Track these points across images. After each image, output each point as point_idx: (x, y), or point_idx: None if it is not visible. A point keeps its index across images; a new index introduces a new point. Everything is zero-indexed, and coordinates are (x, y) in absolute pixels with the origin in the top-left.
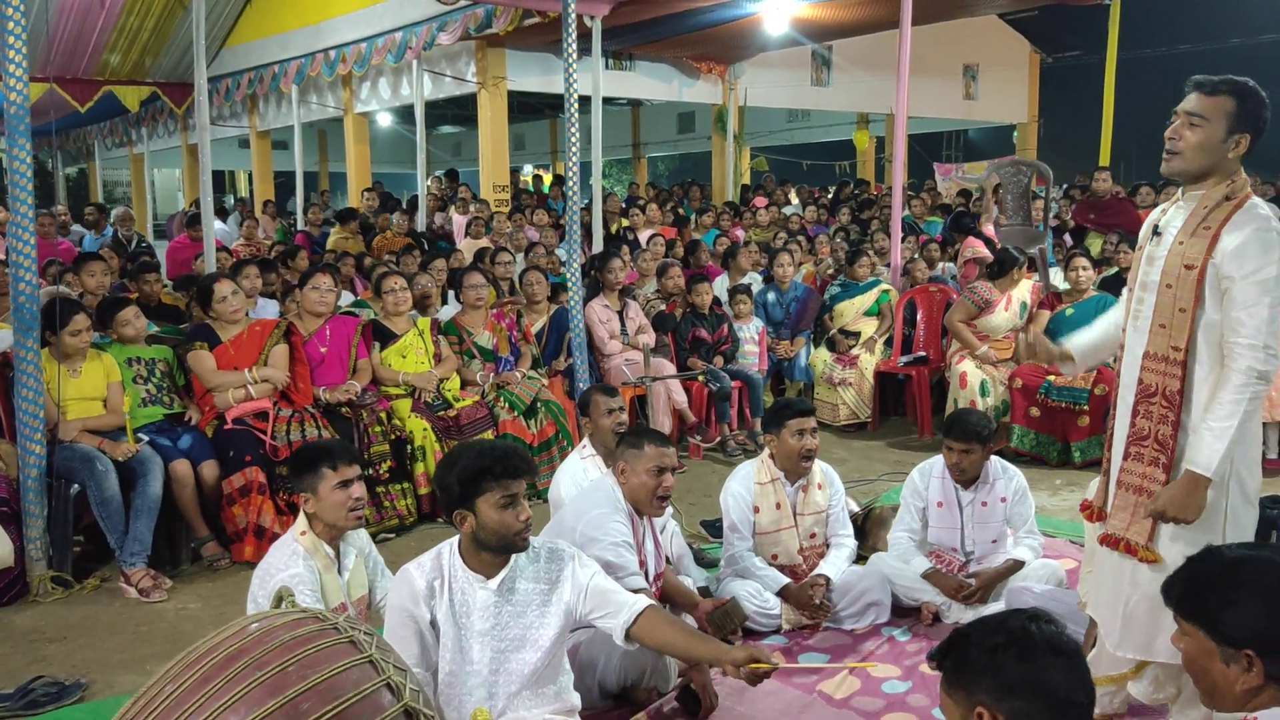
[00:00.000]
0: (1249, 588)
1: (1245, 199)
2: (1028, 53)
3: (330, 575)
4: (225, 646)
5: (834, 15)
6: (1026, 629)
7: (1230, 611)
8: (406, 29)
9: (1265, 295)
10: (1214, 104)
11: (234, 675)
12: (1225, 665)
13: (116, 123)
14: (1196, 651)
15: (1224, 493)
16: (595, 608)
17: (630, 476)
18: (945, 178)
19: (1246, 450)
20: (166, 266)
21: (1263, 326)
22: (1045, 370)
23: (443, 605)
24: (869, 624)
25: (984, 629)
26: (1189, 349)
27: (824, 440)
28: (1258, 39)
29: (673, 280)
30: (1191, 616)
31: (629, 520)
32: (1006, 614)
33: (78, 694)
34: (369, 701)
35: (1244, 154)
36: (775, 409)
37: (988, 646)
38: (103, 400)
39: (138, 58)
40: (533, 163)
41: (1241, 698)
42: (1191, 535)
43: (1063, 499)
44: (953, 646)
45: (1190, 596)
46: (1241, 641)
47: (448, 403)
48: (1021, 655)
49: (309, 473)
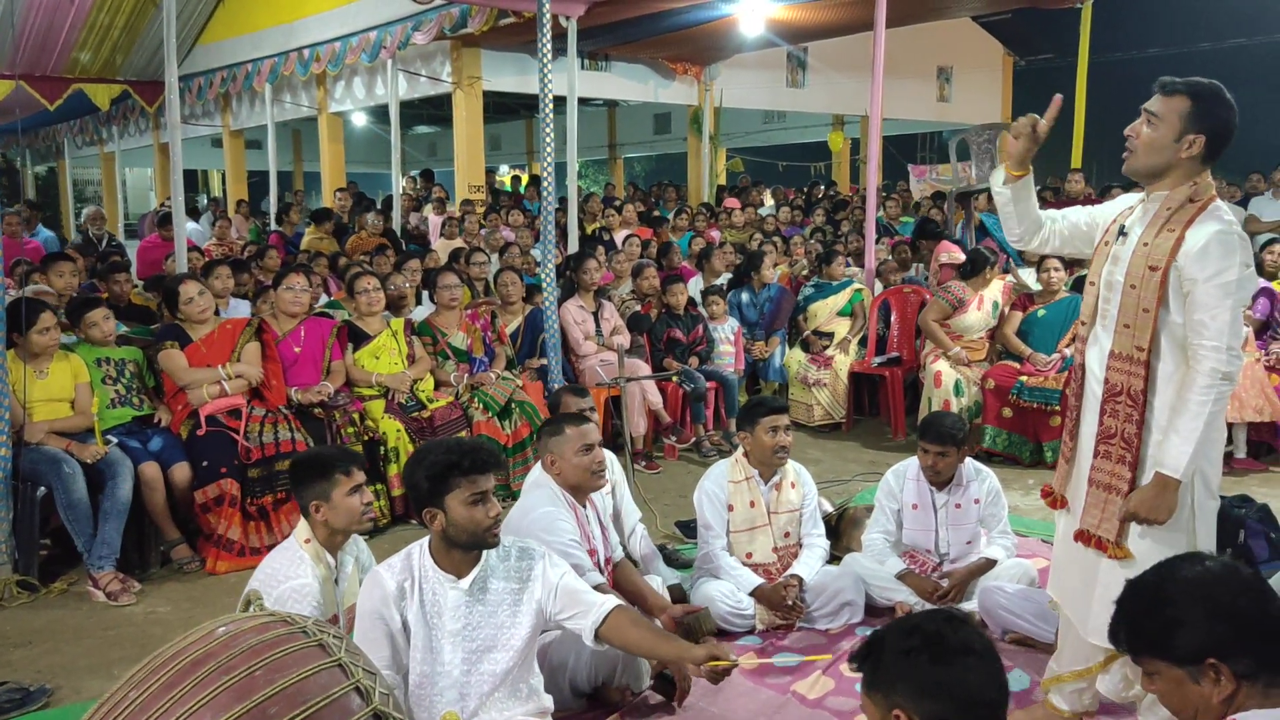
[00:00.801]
0: (1180, 603)
1: (1209, 201)
2: (1001, 55)
3: (328, 584)
4: (191, 651)
5: (809, 17)
6: (940, 632)
7: (1176, 632)
8: (381, 28)
9: (1227, 298)
10: (1169, 104)
11: (200, 680)
12: (1197, 684)
13: (87, 121)
14: (1168, 685)
15: (1189, 489)
16: (565, 607)
17: (560, 463)
18: (920, 179)
19: (1209, 448)
20: (137, 266)
21: (1225, 329)
22: (1018, 371)
23: (413, 606)
24: (843, 624)
25: (899, 632)
26: (1152, 349)
27: (799, 440)
28: (1225, 43)
29: (648, 281)
30: (1145, 653)
31: (571, 511)
32: (921, 616)
33: (43, 699)
34: (337, 705)
35: (1201, 156)
36: (749, 406)
37: (902, 649)
38: (70, 401)
39: (108, 55)
40: (509, 163)
41: (1221, 709)
42: (1159, 532)
43: (1035, 499)
44: (871, 650)
45: (1135, 636)
46: (1200, 654)
47: (421, 404)
48: (935, 658)
49: (320, 480)
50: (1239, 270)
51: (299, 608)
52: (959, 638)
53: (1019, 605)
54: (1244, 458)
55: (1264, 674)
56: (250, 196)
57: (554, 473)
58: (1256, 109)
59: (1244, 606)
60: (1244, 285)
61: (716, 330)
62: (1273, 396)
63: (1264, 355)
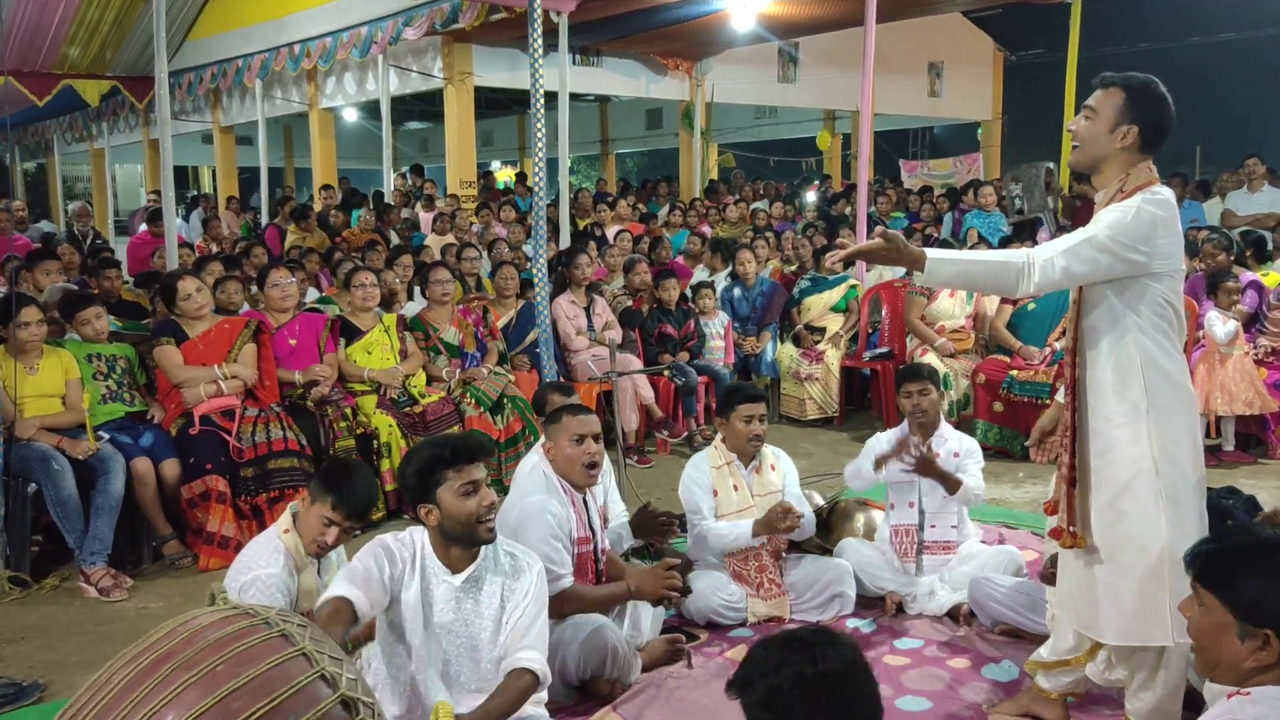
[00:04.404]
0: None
1: (1137, 188)
2: (991, 50)
3: (308, 575)
4: (153, 650)
5: (800, 12)
6: (801, 674)
7: (1258, 589)
8: (372, 24)
9: (1087, 234)
10: (1104, 97)
11: (163, 678)
12: (1239, 640)
13: (76, 117)
14: (1209, 623)
15: (1154, 476)
16: (511, 643)
17: (555, 452)
18: (911, 174)
19: (1166, 427)
20: (127, 263)
21: (1064, 244)
22: (1008, 365)
23: (414, 586)
24: (833, 615)
25: (765, 666)
26: (1078, 335)
27: (791, 434)
28: (1216, 38)
29: (640, 276)
30: (1214, 588)
31: (567, 499)
32: (786, 645)
33: (36, 695)
34: (304, 694)
35: (1136, 146)
36: (728, 393)
37: (774, 685)
38: (61, 398)
39: (98, 51)
40: (500, 159)
41: (1247, 673)
42: (1127, 526)
43: (1025, 491)
44: (744, 682)
45: (1217, 569)
46: (1263, 620)
47: (413, 399)
48: (804, 694)
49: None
50: (1126, 221)
51: (263, 597)
52: (822, 668)
53: (1009, 597)
54: (1232, 450)
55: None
56: (240, 192)
57: (551, 459)
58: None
59: None
60: (1128, 233)
61: (707, 325)
62: (1261, 390)
63: (1252, 348)
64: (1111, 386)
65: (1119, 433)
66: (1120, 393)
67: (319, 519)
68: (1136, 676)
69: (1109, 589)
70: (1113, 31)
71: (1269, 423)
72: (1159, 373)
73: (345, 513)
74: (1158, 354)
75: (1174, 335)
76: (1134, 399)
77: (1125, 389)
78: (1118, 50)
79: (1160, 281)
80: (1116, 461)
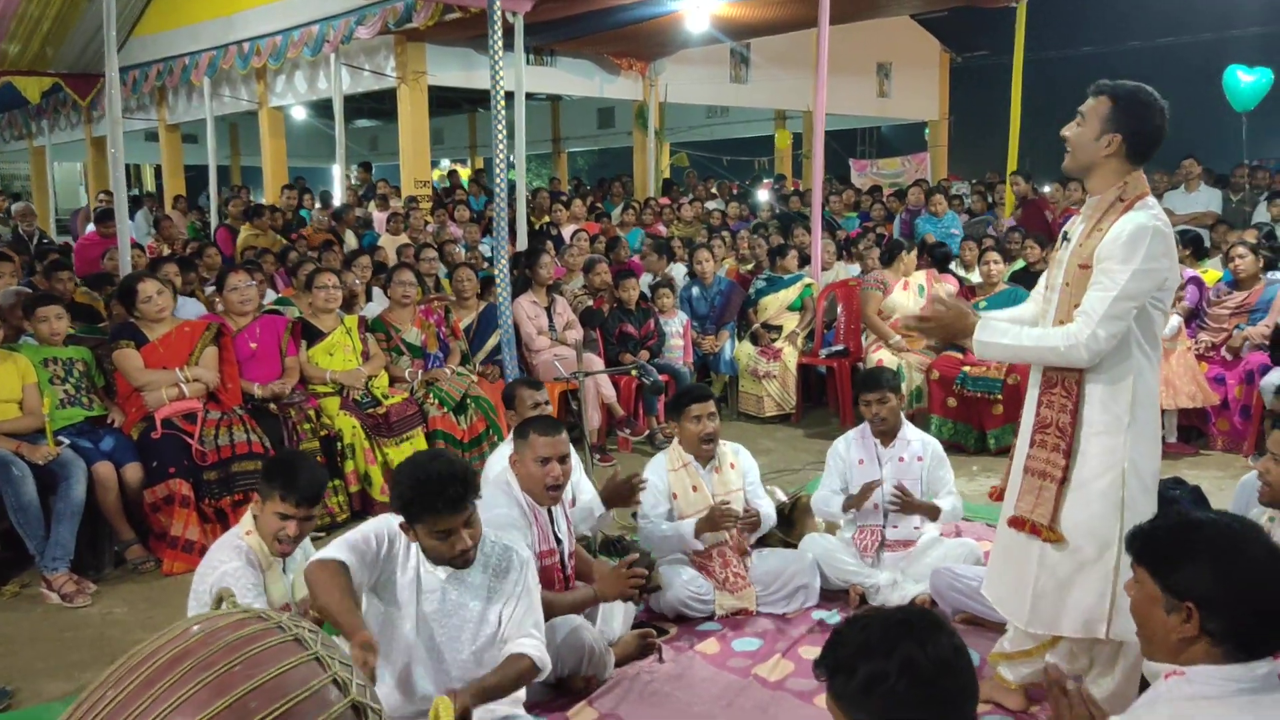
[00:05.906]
0: (1203, 548)
1: (1136, 199)
2: (938, 52)
3: (273, 573)
4: (168, 649)
5: (753, 14)
6: (913, 659)
7: (1181, 565)
8: (323, 22)
9: (1116, 287)
10: (1093, 104)
11: (179, 677)
12: (1166, 614)
13: (15, 114)
14: (1143, 597)
15: (1120, 484)
16: (510, 634)
17: (519, 467)
18: (860, 173)
19: (1139, 440)
20: (75, 264)
21: (1099, 312)
22: (961, 361)
23: (410, 568)
24: (799, 607)
25: (867, 649)
26: None
27: (750, 431)
28: (1154, 42)
29: (600, 276)
30: (1145, 564)
31: (530, 513)
32: (895, 631)
33: (4, 702)
34: (316, 698)
35: (1123, 154)
36: (677, 396)
37: (879, 671)
38: (18, 402)
39: (38, 48)
40: (450, 157)
41: (1176, 647)
42: (1092, 523)
43: (979, 485)
44: (839, 665)
45: (1149, 546)
46: (1185, 594)
47: (376, 400)
48: (914, 683)
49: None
50: (1143, 261)
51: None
52: (934, 657)
53: (969, 586)
54: (1175, 442)
55: (1230, 643)
56: (187, 191)
57: (516, 473)
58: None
59: (1253, 584)
60: (1150, 277)
61: (666, 324)
62: (1203, 383)
63: (1194, 344)
64: (1100, 397)
65: (1097, 440)
66: (1107, 404)
67: (273, 515)
68: (1096, 665)
69: (1067, 583)
70: (1057, 35)
71: (1210, 415)
72: (1145, 388)
73: (295, 500)
74: (1146, 369)
75: (1157, 346)
76: (1118, 412)
77: (1113, 401)
78: (1062, 54)
79: (1161, 294)
80: (1088, 464)
